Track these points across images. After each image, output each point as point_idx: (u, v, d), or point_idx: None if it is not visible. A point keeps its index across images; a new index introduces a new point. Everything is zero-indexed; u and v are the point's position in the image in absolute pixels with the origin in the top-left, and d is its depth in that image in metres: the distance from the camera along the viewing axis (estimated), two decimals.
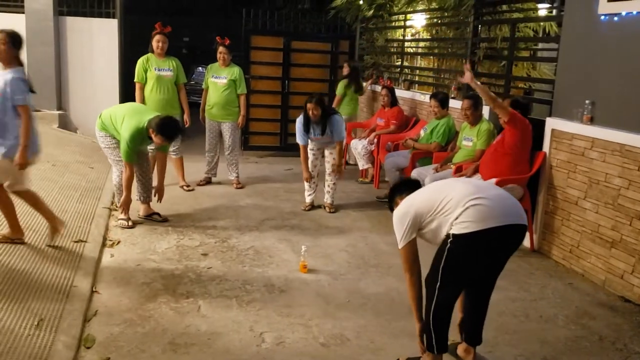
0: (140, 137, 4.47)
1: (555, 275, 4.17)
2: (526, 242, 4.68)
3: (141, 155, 4.81)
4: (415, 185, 2.90)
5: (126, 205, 4.70)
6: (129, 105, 5.04)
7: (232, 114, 6.22)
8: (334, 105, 7.07)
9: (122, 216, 4.77)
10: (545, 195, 4.56)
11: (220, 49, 6.11)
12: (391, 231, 4.89)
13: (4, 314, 2.91)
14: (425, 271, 2.69)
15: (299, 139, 5.49)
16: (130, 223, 4.74)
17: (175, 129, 4.55)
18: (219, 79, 6.14)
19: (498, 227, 2.51)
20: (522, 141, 4.46)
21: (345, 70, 7.49)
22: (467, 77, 4.31)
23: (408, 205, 2.70)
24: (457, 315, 2.78)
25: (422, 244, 2.73)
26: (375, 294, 3.69)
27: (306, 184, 5.61)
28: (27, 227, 4.11)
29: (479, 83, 4.41)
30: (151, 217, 4.94)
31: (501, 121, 4.66)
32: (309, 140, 5.48)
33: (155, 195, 4.86)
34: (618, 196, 3.85)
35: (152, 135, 4.41)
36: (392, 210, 2.89)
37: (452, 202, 2.56)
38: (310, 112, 5.27)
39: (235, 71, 6.16)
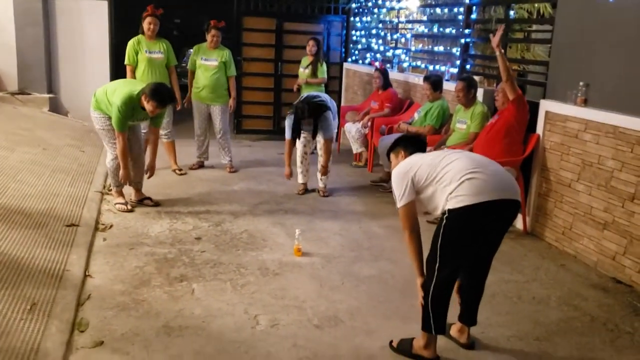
0: (131, 104, 4.38)
1: (547, 257, 4.20)
2: (519, 224, 4.70)
3: (132, 137, 4.75)
4: (422, 146, 2.94)
5: (126, 179, 4.63)
6: (122, 79, 4.99)
7: (221, 96, 6.15)
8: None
9: (120, 200, 4.74)
10: (538, 177, 4.57)
11: (213, 31, 6.01)
12: (385, 214, 4.96)
13: None
14: (425, 253, 2.69)
15: (287, 134, 5.33)
16: (129, 207, 4.72)
17: (168, 94, 4.49)
18: (208, 61, 6.06)
19: (492, 201, 2.51)
20: (519, 123, 4.46)
21: (314, 49, 7.06)
22: (495, 40, 4.32)
23: (409, 167, 2.70)
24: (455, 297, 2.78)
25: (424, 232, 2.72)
26: (369, 277, 3.70)
27: (298, 166, 5.56)
28: (18, 211, 4.08)
29: (502, 50, 4.39)
30: (143, 202, 4.91)
31: (498, 103, 4.65)
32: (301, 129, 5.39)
33: (146, 173, 4.81)
34: (611, 178, 3.86)
35: (145, 102, 4.34)
36: (388, 155, 2.95)
37: (450, 174, 2.57)
38: (305, 122, 5.21)
39: (226, 53, 6.09)
